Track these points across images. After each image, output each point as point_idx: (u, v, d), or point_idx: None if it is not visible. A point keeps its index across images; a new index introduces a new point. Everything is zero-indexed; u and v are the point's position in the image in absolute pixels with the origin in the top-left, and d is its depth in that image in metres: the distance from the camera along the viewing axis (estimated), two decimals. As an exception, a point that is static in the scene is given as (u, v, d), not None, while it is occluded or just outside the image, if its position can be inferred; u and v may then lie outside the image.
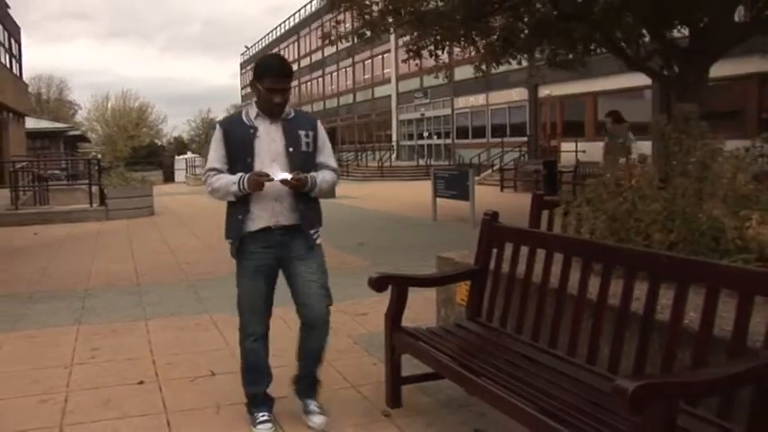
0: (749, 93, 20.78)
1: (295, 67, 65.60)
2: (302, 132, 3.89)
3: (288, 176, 3.74)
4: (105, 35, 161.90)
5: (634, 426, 2.41)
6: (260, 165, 3.80)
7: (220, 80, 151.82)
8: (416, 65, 15.56)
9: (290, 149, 3.85)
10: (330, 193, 3.99)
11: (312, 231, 3.96)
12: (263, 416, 3.98)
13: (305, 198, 3.88)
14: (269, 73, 3.77)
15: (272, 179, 3.73)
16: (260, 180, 3.73)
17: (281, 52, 70.06)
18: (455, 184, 14.70)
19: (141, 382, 4.82)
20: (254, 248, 3.94)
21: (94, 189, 17.61)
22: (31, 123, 42.26)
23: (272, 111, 3.83)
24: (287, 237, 3.90)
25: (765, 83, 20.22)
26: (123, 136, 79.11)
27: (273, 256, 3.95)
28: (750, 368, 2.54)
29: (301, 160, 3.85)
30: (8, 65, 32.71)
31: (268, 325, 4.18)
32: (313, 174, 3.87)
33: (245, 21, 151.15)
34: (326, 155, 4.02)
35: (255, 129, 3.85)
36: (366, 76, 51.71)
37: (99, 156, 39.24)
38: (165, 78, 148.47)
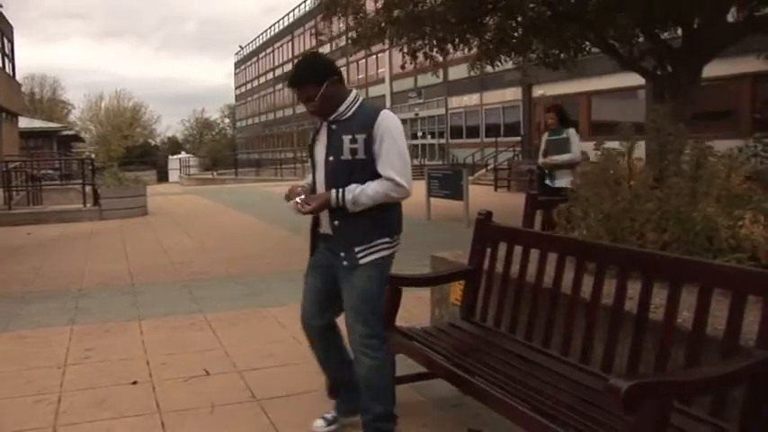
0: (742, 93, 20.84)
1: (289, 66, 65.95)
2: (347, 137, 3.47)
3: (296, 201, 3.55)
4: (101, 34, 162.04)
5: (628, 425, 2.42)
6: (317, 173, 3.67)
7: (216, 80, 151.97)
8: (412, 65, 15.55)
9: (330, 158, 3.54)
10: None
11: (358, 249, 3.55)
12: (326, 414, 3.97)
13: (342, 212, 3.51)
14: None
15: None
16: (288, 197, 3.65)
17: (275, 52, 70.07)
18: (449, 183, 14.71)
19: (135, 383, 4.81)
20: (321, 248, 3.79)
21: (88, 189, 17.55)
22: (24, 123, 42.14)
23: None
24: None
25: (758, 83, 20.28)
26: (117, 136, 79.09)
27: (330, 260, 3.72)
28: (743, 367, 2.55)
29: (342, 170, 3.50)
30: (1, 64, 32.61)
31: (321, 324, 3.84)
32: (351, 187, 3.45)
33: (242, 20, 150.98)
34: (383, 161, 3.45)
35: (317, 133, 3.68)
36: (360, 76, 51.70)
37: (92, 155, 39.19)
38: (161, 78, 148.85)
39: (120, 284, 8.40)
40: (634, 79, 16.91)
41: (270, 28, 71.76)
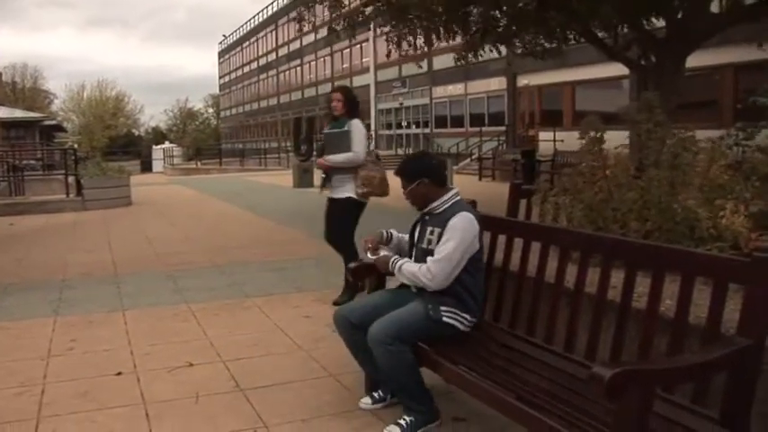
0: (725, 83, 20.95)
1: (273, 56, 65.73)
2: (429, 229, 3.91)
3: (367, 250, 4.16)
4: (89, 23, 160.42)
5: (611, 412, 2.43)
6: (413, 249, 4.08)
7: (204, 69, 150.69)
8: (397, 53, 15.53)
9: (418, 244, 3.99)
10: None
11: (444, 309, 3.76)
12: (374, 393, 4.09)
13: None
14: None
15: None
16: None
17: (260, 41, 69.70)
18: (434, 173, 14.69)
19: (119, 373, 4.80)
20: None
21: (71, 179, 17.41)
22: (5, 113, 41.70)
23: None
24: None
25: (741, 73, 20.39)
26: (100, 126, 78.45)
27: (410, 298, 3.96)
28: (724, 354, 2.57)
29: (420, 257, 3.90)
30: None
31: (351, 322, 3.93)
32: (401, 261, 3.92)
33: (232, 8, 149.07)
34: (438, 251, 3.76)
35: (418, 219, 4.11)
36: (344, 66, 51.58)
37: (75, 145, 38.89)
38: (148, 67, 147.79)
39: (104, 275, 8.35)
40: (618, 69, 16.94)
41: (254, 17, 71.35)
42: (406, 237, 4.19)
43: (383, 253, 4.10)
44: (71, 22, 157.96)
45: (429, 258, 3.77)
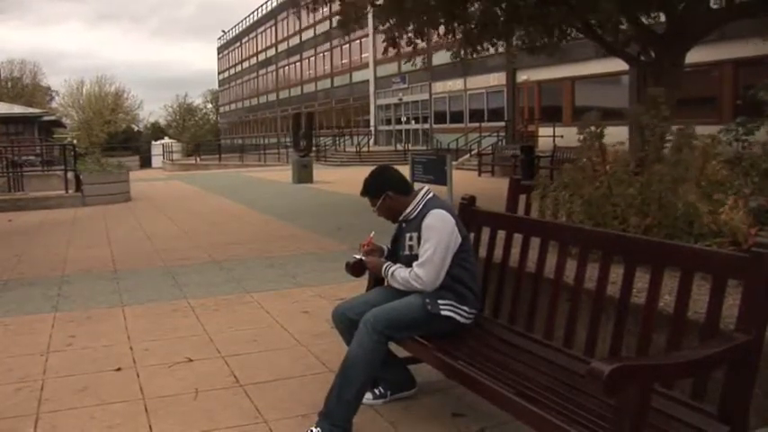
0: (724, 78, 20.92)
1: (272, 51, 65.60)
2: (408, 235, 3.98)
3: (361, 256, 4.21)
4: (96, 17, 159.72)
5: (609, 408, 2.43)
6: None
7: (208, 64, 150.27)
8: (395, 51, 15.52)
9: (402, 253, 4.05)
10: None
11: (442, 303, 3.78)
12: (375, 389, 4.09)
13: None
14: None
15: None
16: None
17: (259, 36, 69.54)
18: (433, 169, 14.66)
19: (119, 369, 4.80)
20: None
21: (70, 175, 17.41)
22: (3, 109, 41.68)
23: None
24: None
25: (740, 69, 20.36)
26: (99, 121, 78.37)
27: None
28: (723, 350, 2.57)
29: (407, 262, 3.95)
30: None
31: (351, 318, 3.92)
32: (393, 267, 3.96)
33: (242, 2, 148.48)
34: (420, 254, 3.82)
35: (397, 228, 4.18)
36: (344, 61, 51.50)
37: (74, 141, 38.86)
38: (155, 62, 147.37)
39: (103, 271, 8.35)
40: (618, 65, 16.94)
41: (253, 12, 71.17)
42: None
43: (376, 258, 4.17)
44: (81, 16, 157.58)
45: (414, 264, 3.82)
